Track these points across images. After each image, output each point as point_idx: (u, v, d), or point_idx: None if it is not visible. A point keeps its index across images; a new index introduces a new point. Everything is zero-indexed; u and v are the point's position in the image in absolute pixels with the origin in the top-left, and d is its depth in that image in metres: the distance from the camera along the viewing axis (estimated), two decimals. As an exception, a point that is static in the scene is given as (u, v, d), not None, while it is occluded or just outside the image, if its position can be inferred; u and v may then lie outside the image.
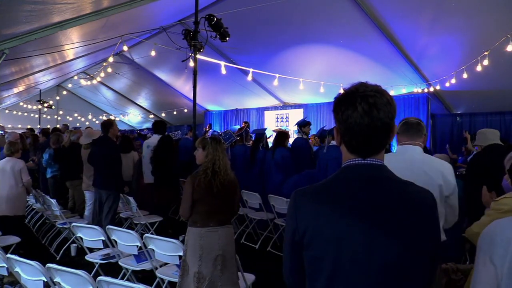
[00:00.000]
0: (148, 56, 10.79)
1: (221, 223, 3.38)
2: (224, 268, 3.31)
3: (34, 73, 10.63)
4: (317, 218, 1.30)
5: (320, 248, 1.28)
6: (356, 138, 1.32)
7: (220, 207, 3.40)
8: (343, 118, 1.31)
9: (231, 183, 3.47)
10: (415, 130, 2.69)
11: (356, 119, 1.29)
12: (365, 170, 1.34)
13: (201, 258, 3.27)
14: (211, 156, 3.38)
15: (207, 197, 3.34)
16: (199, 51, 5.83)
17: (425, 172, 2.49)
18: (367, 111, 1.28)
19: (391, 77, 10.05)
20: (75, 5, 5.26)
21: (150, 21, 9.15)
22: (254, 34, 9.80)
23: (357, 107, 1.29)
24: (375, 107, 1.29)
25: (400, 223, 1.26)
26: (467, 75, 8.20)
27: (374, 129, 1.29)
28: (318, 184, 1.40)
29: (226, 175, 3.40)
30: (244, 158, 7.56)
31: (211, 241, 3.31)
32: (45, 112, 17.89)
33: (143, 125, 21.01)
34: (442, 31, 7.78)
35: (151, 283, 4.11)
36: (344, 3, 7.73)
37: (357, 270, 1.24)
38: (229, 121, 16.71)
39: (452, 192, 2.53)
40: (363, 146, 1.33)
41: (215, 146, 3.42)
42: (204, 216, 3.35)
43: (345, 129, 1.33)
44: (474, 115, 10.83)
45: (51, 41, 6.87)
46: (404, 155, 2.62)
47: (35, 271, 3.10)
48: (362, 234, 1.25)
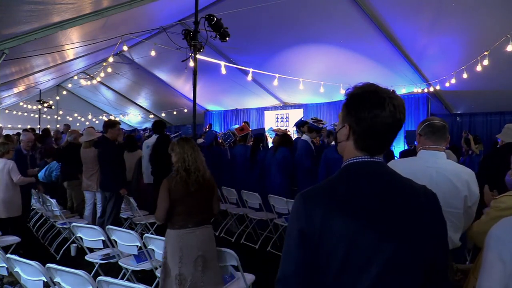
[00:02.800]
0: (148, 56, 10.79)
1: (199, 224, 3.37)
2: (206, 268, 3.31)
3: (34, 73, 10.62)
4: (327, 218, 1.29)
5: (331, 246, 1.28)
6: (374, 137, 1.34)
7: (198, 207, 3.38)
8: (370, 116, 1.32)
9: (208, 182, 3.45)
10: (441, 133, 2.53)
11: (383, 119, 1.31)
12: (372, 167, 1.36)
13: (181, 260, 3.26)
14: (180, 155, 3.38)
15: (185, 198, 3.32)
16: (199, 51, 5.82)
17: (452, 182, 2.39)
18: (393, 112, 1.32)
19: (391, 77, 10.05)
20: (75, 5, 5.26)
21: (150, 21, 9.15)
22: (254, 34, 9.79)
23: (386, 107, 1.31)
24: (398, 109, 1.34)
25: (407, 220, 1.29)
26: (467, 75, 8.20)
27: (394, 130, 1.35)
28: (323, 183, 1.39)
29: (199, 172, 3.38)
30: (244, 158, 7.56)
31: (190, 242, 3.30)
32: (45, 112, 17.86)
33: (143, 125, 21.00)
34: (442, 31, 7.78)
35: (151, 283, 4.11)
36: (344, 3, 7.72)
37: (365, 265, 1.25)
38: (229, 121, 16.71)
39: (474, 202, 2.45)
40: (378, 144, 1.36)
41: (182, 145, 3.42)
42: (183, 217, 3.33)
43: (365, 128, 1.33)
44: (474, 115, 10.84)
45: (51, 41, 6.86)
46: (428, 162, 2.48)
47: (35, 271, 3.10)
48: (372, 231, 1.26)
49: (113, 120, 6.63)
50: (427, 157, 2.52)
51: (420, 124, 2.66)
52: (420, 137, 2.61)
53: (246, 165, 7.49)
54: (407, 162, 2.63)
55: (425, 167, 2.46)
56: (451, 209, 2.41)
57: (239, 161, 7.63)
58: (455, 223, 2.44)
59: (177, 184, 3.30)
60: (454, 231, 2.46)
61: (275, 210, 6.07)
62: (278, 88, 12.79)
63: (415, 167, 2.48)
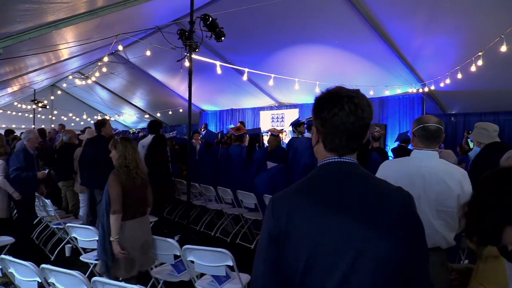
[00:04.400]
0: (143, 56, 10.76)
1: (143, 214, 3.85)
2: (148, 251, 3.80)
3: (28, 73, 10.56)
4: (291, 219, 1.31)
5: (295, 247, 1.29)
6: (338, 137, 1.35)
7: (141, 200, 3.82)
8: (329, 116, 1.34)
9: (145, 176, 3.87)
10: (434, 138, 2.54)
11: (343, 117, 1.32)
12: (343, 166, 1.38)
13: (132, 246, 3.66)
14: (121, 153, 3.70)
15: (132, 191, 3.68)
16: (195, 51, 5.81)
17: (445, 182, 2.41)
18: (353, 110, 1.32)
19: (386, 77, 10.09)
20: (69, 4, 5.23)
21: (145, 21, 9.13)
22: (249, 34, 9.80)
23: (344, 106, 1.33)
24: (360, 107, 1.34)
25: (375, 220, 1.27)
26: (461, 75, 8.25)
27: (357, 128, 1.34)
28: (293, 186, 1.42)
29: (138, 169, 3.75)
30: (240, 158, 7.55)
31: (138, 230, 3.74)
32: (40, 112, 17.77)
33: (138, 125, 20.96)
34: (436, 31, 7.82)
35: (146, 284, 4.10)
36: (340, 4, 7.74)
37: (330, 267, 1.25)
38: (225, 121, 16.71)
39: (467, 200, 2.48)
40: (344, 144, 1.36)
41: (125, 144, 3.75)
42: (132, 209, 3.70)
43: (329, 128, 1.35)
44: (468, 115, 10.88)
45: (45, 41, 6.83)
46: (421, 162, 2.50)
47: (29, 272, 3.08)
48: (336, 232, 1.27)
49: (102, 119, 6.69)
50: (420, 157, 2.54)
51: (415, 122, 2.66)
52: (414, 137, 2.62)
53: (241, 165, 7.48)
54: (401, 162, 2.66)
55: (418, 167, 2.48)
56: (445, 209, 2.43)
57: (235, 161, 7.62)
58: (449, 223, 2.46)
59: (126, 179, 3.65)
60: (449, 230, 2.47)
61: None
62: (274, 88, 12.80)
63: (409, 168, 2.51)
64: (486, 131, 4.15)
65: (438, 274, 2.44)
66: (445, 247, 2.50)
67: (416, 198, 2.37)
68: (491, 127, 4.17)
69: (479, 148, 4.21)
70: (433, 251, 2.46)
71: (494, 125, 4.21)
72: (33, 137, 5.99)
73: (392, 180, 2.47)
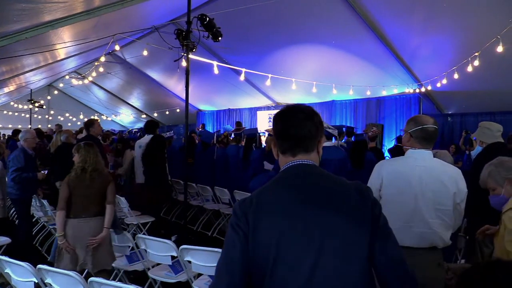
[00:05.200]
0: (140, 56, 10.76)
1: (93, 215, 3.88)
2: (96, 252, 3.84)
3: (25, 73, 10.54)
4: (257, 218, 1.44)
5: (262, 245, 1.40)
6: (290, 141, 1.56)
7: (92, 201, 3.88)
8: (286, 126, 1.56)
9: (103, 178, 3.98)
10: (432, 139, 2.57)
11: (295, 125, 1.55)
12: (301, 167, 1.55)
13: (75, 244, 3.80)
14: (83, 157, 3.93)
15: (79, 192, 3.85)
16: (192, 51, 5.81)
17: (440, 180, 2.43)
18: (304, 119, 1.55)
19: (383, 77, 10.11)
20: (66, 4, 5.22)
21: (142, 21, 9.12)
22: (246, 34, 9.80)
23: (297, 115, 1.56)
24: (309, 117, 1.56)
25: (335, 215, 1.43)
26: (458, 75, 8.27)
27: (307, 133, 1.55)
28: (261, 187, 1.56)
29: (95, 171, 3.92)
30: (237, 158, 7.55)
31: (84, 229, 3.82)
32: (36, 112, 17.72)
33: (135, 125, 20.93)
34: (433, 32, 7.84)
35: (143, 284, 4.09)
36: (337, 4, 7.75)
37: (296, 262, 1.37)
38: (222, 121, 16.70)
39: (463, 199, 2.47)
40: (296, 147, 1.56)
41: (88, 149, 3.99)
42: (76, 208, 3.85)
43: (278, 132, 1.59)
44: (465, 115, 10.91)
45: (42, 40, 6.81)
46: (416, 161, 2.52)
47: (26, 272, 3.07)
48: (299, 230, 1.40)
49: (91, 119, 6.74)
50: (415, 156, 2.54)
51: (411, 122, 2.62)
52: (411, 138, 2.59)
53: (238, 165, 7.49)
54: (396, 162, 2.66)
55: (414, 166, 2.49)
56: (441, 207, 2.43)
57: (232, 161, 7.62)
58: (446, 221, 2.46)
59: (73, 180, 3.88)
60: (445, 229, 2.48)
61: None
62: (271, 88, 12.80)
63: (405, 167, 2.52)
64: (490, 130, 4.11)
65: (434, 274, 2.45)
66: (441, 247, 2.51)
67: (414, 198, 2.44)
68: (494, 127, 4.13)
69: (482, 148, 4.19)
70: (430, 251, 2.47)
71: (498, 125, 4.16)
72: (30, 137, 5.95)
73: (388, 179, 2.54)
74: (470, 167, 4.95)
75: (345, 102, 12.55)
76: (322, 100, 12.90)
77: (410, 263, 2.25)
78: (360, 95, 11.29)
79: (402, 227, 2.37)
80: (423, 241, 2.43)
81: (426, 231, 2.42)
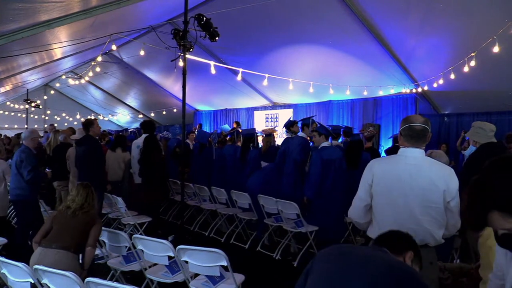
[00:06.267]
0: (137, 56, 10.74)
1: (61, 247, 3.67)
2: None
3: (21, 72, 10.50)
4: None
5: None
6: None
7: (66, 233, 3.76)
8: None
9: (89, 218, 3.91)
10: (419, 137, 2.60)
11: None
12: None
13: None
14: (73, 197, 4.02)
15: (58, 221, 3.87)
16: (189, 51, 5.81)
17: (430, 178, 2.47)
18: None
19: (379, 77, 10.13)
20: (63, 4, 5.21)
21: (139, 21, 9.10)
22: (243, 34, 9.80)
23: None
24: None
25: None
26: (454, 76, 8.29)
27: None
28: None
29: (81, 209, 3.90)
30: (234, 159, 7.55)
31: (44, 260, 3.51)
32: (32, 112, 17.67)
33: (132, 125, 20.89)
34: (430, 32, 7.86)
35: (140, 284, 4.09)
36: (334, 4, 7.76)
37: None
38: (219, 121, 16.69)
39: (453, 197, 2.48)
40: None
41: (79, 189, 4.05)
42: (50, 238, 3.76)
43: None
44: (461, 115, 10.95)
45: (38, 40, 6.79)
46: (407, 159, 2.57)
47: (22, 273, 3.06)
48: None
49: (89, 119, 6.68)
50: (406, 155, 2.60)
51: (402, 121, 2.71)
52: (401, 136, 2.67)
53: (235, 165, 7.48)
54: (389, 160, 2.75)
55: (404, 164, 2.55)
56: (431, 204, 2.47)
57: (229, 161, 7.62)
58: (437, 218, 2.49)
59: (57, 213, 3.99)
60: (437, 227, 2.51)
61: (265, 210, 6.08)
62: (268, 88, 12.81)
63: (397, 165, 2.58)
64: (483, 130, 4.14)
65: (426, 272, 2.46)
66: (433, 245, 2.53)
67: (403, 195, 2.49)
68: (487, 127, 4.16)
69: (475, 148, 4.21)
70: (422, 249, 2.48)
71: (491, 125, 4.20)
72: (36, 136, 5.83)
73: (379, 177, 2.60)
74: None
75: (342, 102, 12.56)
76: (319, 100, 12.92)
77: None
78: (357, 95, 11.30)
79: (393, 224, 2.41)
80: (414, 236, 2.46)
81: (416, 228, 2.45)
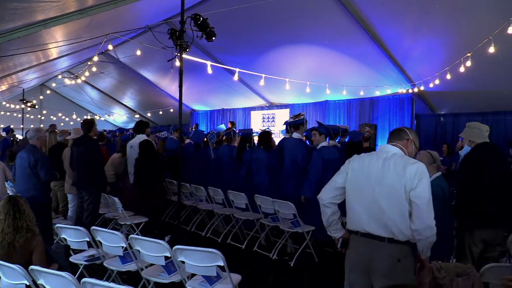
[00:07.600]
0: (134, 56, 10.72)
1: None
2: None
3: (17, 72, 10.46)
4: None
5: None
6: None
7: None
8: None
9: (23, 246, 3.43)
10: (394, 135, 2.95)
11: None
12: None
13: None
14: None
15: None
16: (185, 51, 5.80)
17: (398, 173, 2.62)
18: None
19: (376, 77, 10.15)
20: (59, 3, 5.20)
21: (136, 20, 9.08)
22: (240, 34, 9.80)
23: None
24: None
25: None
26: (450, 76, 8.33)
27: None
28: None
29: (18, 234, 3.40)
30: (230, 158, 7.54)
31: None
32: (28, 112, 17.60)
33: (128, 125, 20.85)
34: (426, 33, 7.89)
35: (137, 285, 4.08)
36: (331, 5, 7.78)
37: None
38: (215, 121, 16.69)
39: (413, 188, 2.56)
40: None
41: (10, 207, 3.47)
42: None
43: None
44: (457, 115, 10.99)
45: (34, 40, 6.77)
46: (380, 153, 2.84)
47: (17, 274, 3.04)
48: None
49: (90, 119, 6.66)
50: (381, 149, 2.91)
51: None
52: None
53: (232, 165, 7.48)
54: (367, 155, 2.94)
55: (377, 158, 2.78)
56: (395, 196, 2.60)
57: (225, 161, 7.61)
58: (403, 211, 2.57)
59: None
60: (404, 220, 2.58)
61: (262, 210, 6.07)
62: (265, 88, 12.81)
63: (371, 160, 2.80)
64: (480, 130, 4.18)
65: (391, 269, 2.56)
66: (402, 240, 2.58)
67: (372, 188, 2.66)
68: (483, 127, 4.22)
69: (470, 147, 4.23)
70: (390, 243, 2.59)
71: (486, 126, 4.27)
72: (43, 135, 5.78)
73: (354, 169, 2.82)
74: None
75: (339, 102, 12.58)
76: (315, 100, 12.93)
77: (370, 253, 2.62)
78: (353, 95, 11.32)
79: (363, 213, 2.68)
80: (382, 228, 2.61)
81: (383, 218, 2.60)
